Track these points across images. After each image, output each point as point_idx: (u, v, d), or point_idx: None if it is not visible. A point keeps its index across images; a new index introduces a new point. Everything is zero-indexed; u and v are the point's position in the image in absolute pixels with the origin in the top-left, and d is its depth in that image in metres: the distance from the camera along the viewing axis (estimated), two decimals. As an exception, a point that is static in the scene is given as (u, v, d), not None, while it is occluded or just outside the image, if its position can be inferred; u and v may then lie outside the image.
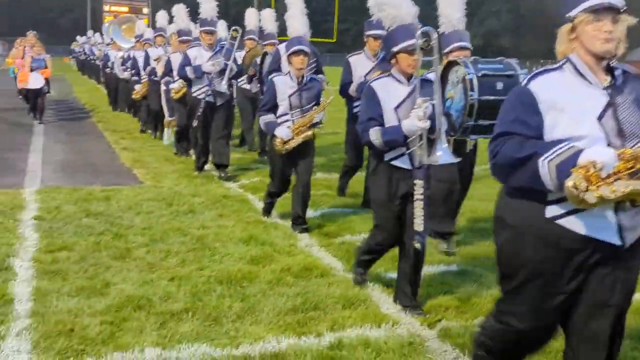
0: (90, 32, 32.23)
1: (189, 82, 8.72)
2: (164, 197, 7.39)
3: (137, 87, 12.40)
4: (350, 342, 3.83)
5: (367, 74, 6.82)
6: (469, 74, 4.60)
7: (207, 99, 8.42)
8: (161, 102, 10.80)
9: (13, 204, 6.93)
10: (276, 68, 7.98)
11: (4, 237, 5.72)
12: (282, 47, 7.91)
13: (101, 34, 25.12)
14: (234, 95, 9.94)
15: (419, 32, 3.99)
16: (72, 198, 7.23)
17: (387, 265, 4.99)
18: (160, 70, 10.67)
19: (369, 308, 4.36)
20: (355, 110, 6.89)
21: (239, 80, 10.07)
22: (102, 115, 16.05)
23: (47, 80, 14.21)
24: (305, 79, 6.14)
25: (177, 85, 9.53)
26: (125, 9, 49.60)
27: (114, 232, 5.97)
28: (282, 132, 6.02)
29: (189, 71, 8.44)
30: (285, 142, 6.02)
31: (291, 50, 6.04)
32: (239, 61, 9.40)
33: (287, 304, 4.37)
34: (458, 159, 4.99)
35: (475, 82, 4.57)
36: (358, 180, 7.66)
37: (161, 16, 12.95)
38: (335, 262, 5.31)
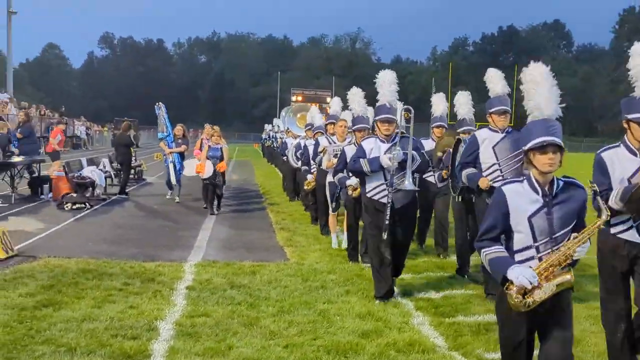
0: (275, 120, 33.76)
1: (362, 180, 7.39)
2: (302, 273, 8.04)
3: (309, 177, 11.72)
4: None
5: None
6: None
7: (385, 199, 7.01)
8: (325, 194, 10.44)
9: (174, 275, 7.93)
10: (471, 160, 7.21)
11: (157, 303, 6.63)
12: (482, 132, 7.27)
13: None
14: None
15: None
16: (223, 271, 8.10)
17: (488, 346, 5.13)
18: (326, 163, 10.08)
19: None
20: None
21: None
22: (274, 198, 17.35)
23: (222, 174, 13.94)
24: (556, 186, 3.79)
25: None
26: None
27: (249, 303, 6.67)
28: (522, 278, 3.61)
29: (363, 164, 7.03)
30: (526, 293, 3.65)
31: (539, 142, 3.68)
32: (425, 148, 8.22)
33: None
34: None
35: None
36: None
37: (336, 103, 12.42)
38: (440, 341, 5.54)
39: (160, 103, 16.37)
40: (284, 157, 17.89)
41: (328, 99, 54.81)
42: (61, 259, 8.37)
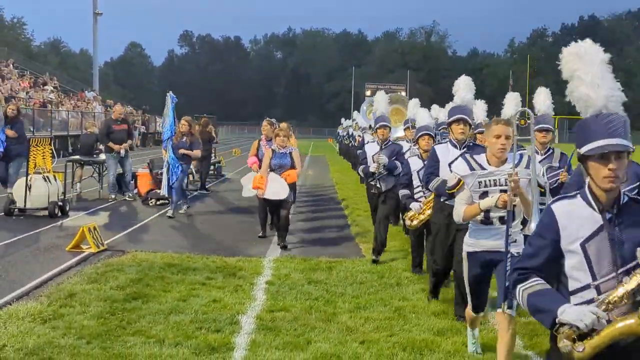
0: (355, 114, 31.04)
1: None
2: (378, 270, 8.17)
3: (415, 207, 8.21)
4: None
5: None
6: None
7: None
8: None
9: (254, 270, 8.20)
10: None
11: (239, 297, 6.90)
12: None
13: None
14: None
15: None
16: (300, 267, 8.32)
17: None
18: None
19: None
20: None
21: None
22: (348, 194, 17.50)
23: (293, 186, 10.42)
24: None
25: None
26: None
27: (326, 298, 6.85)
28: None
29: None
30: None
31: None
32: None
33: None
34: None
35: None
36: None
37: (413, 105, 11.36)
38: (519, 340, 5.54)
39: (170, 92, 12.95)
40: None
41: (403, 93, 54.30)
42: (147, 253, 8.79)
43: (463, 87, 6.40)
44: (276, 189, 9.58)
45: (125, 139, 14.82)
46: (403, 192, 7.65)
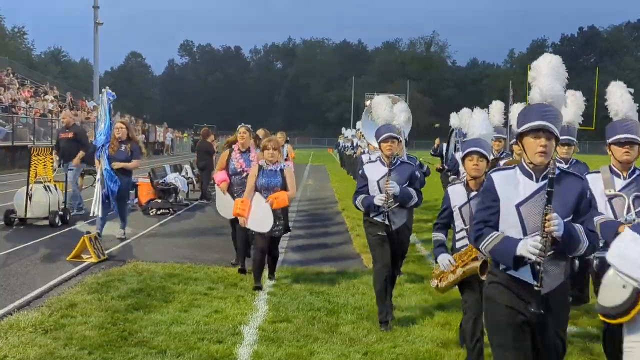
0: (359, 123, 31.35)
1: None
2: (380, 280, 8.11)
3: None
4: None
5: None
6: None
7: None
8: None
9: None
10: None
11: (240, 307, 6.86)
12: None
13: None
14: None
15: None
16: (302, 277, 8.28)
17: (570, 357, 5.07)
18: None
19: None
20: None
21: None
22: (349, 203, 17.42)
23: (285, 213, 8.12)
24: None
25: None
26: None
27: (329, 309, 6.81)
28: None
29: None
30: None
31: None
32: None
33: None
34: None
35: None
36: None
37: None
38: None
39: (106, 88, 10.31)
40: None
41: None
42: (149, 264, 8.76)
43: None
44: (260, 215, 7.73)
45: (72, 149, 13.16)
46: (436, 235, 5.28)
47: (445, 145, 8.67)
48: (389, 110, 7.00)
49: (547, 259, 3.34)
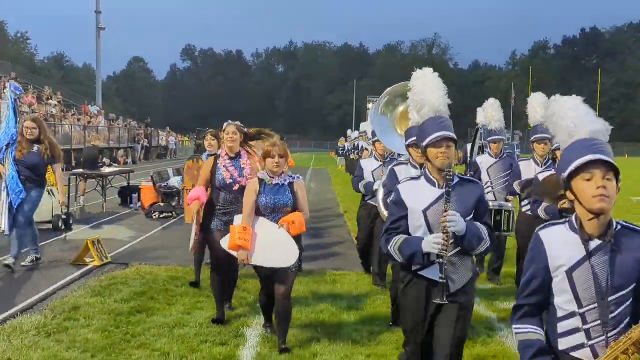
0: (363, 125, 29.06)
1: None
2: (383, 282, 8.12)
3: None
4: None
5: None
6: None
7: None
8: None
9: (257, 283, 8.03)
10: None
11: (243, 310, 6.89)
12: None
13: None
14: None
15: None
16: (304, 280, 8.28)
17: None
18: None
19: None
20: None
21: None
22: (351, 206, 17.45)
23: (299, 241, 5.74)
24: None
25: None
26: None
27: (332, 312, 6.82)
28: None
29: None
30: None
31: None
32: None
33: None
34: None
35: None
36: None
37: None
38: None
39: (11, 82, 9.18)
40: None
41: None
42: (152, 267, 8.77)
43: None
44: (272, 246, 5.47)
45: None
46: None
47: (469, 147, 7.76)
48: (442, 93, 4.30)
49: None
